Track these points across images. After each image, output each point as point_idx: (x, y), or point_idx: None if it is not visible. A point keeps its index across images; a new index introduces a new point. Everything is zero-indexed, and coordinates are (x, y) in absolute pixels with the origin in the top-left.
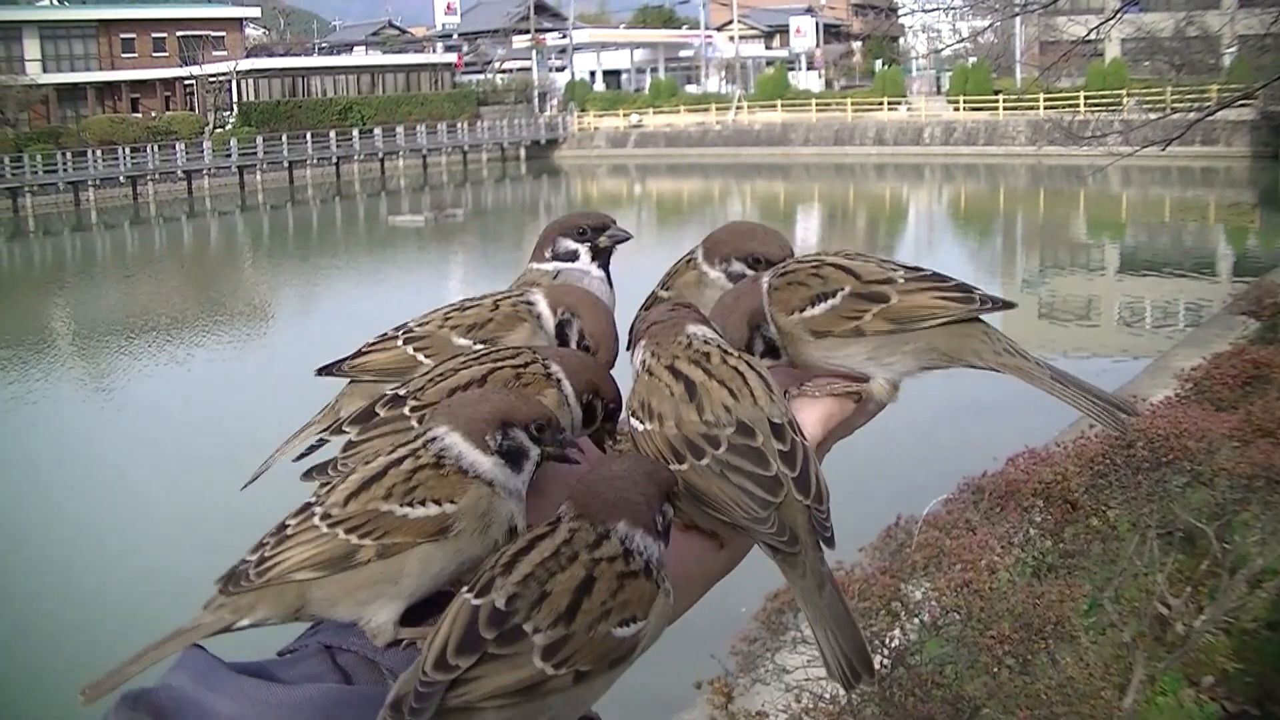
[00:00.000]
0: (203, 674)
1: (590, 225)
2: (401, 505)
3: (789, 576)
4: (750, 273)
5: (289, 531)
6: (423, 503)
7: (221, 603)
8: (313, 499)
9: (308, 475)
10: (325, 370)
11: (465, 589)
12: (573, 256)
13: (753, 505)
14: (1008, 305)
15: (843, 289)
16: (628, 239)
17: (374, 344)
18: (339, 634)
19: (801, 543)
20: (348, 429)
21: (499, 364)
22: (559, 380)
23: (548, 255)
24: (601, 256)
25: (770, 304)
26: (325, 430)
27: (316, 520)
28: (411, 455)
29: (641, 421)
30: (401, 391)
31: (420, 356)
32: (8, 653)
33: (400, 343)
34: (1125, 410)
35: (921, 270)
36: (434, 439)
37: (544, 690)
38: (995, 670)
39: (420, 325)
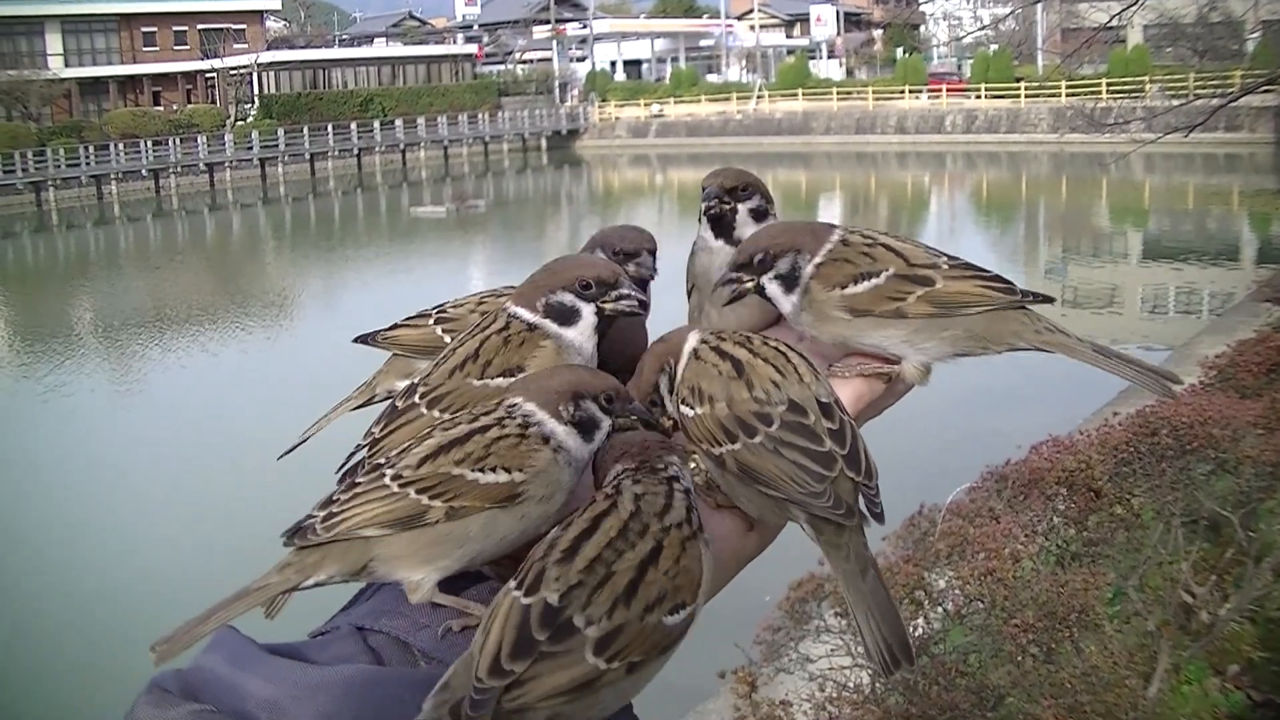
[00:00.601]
0: (236, 655)
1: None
2: (473, 470)
3: (832, 559)
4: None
5: (359, 489)
6: (494, 469)
7: (288, 561)
8: (383, 460)
9: (340, 479)
10: (361, 339)
11: (513, 582)
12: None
13: (808, 479)
14: (1047, 299)
15: (888, 269)
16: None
17: (409, 320)
18: (370, 616)
19: (852, 519)
20: (374, 429)
21: (487, 332)
22: (550, 335)
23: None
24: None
25: (815, 279)
26: (360, 406)
27: (388, 480)
28: (497, 424)
29: (692, 407)
30: (415, 380)
31: (447, 338)
32: (12, 652)
33: (431, 322)
34: (1171, 379)
35: (959, 259)
36: (515, 406)
37: (598, 685)
38: (1019, 659)
39: (455, 307)
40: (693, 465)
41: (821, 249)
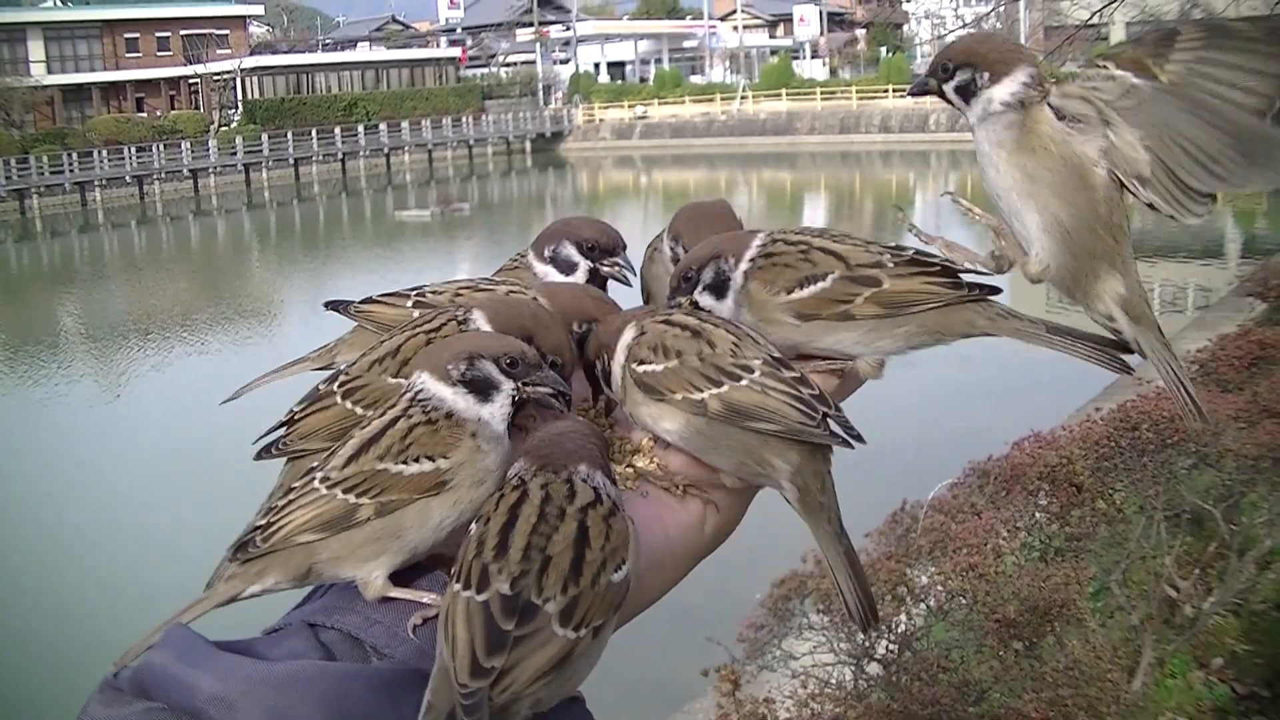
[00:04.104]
0: (186, 651)
1: (600, 243)
2: (396, 463)
3: (812, 521)
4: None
5: (292, 497)
6: (417, 459)
7: (234, 572)
8: (314, 464)
9: (258, 458)
10: (332, 305)
11: (458, 585)
12: (570, 269)
13: (804, 410)
14: (994, 290)
15: (832, 272)
16: (626, 279)
17: (386, 296)
18: (323, 612)
19: (852, 444)
20: (295, 408)
21: (415, 331)
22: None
23: (546, 255)
24: (596, 280)
25: (751, 282)
26: (319, 368)
27: (317, 483)
28: (403, 415)
29: (656, 363)
30: (344, 365)
31: None
32: (8, 653)
33: (409, 304)
34: (1126, 349)
35: (904, 251)
36: (410, 391)
37: (573, 656)
38: (1002, 654)
39: (434, 293)
40: (643, 454)
41: (746, 252)
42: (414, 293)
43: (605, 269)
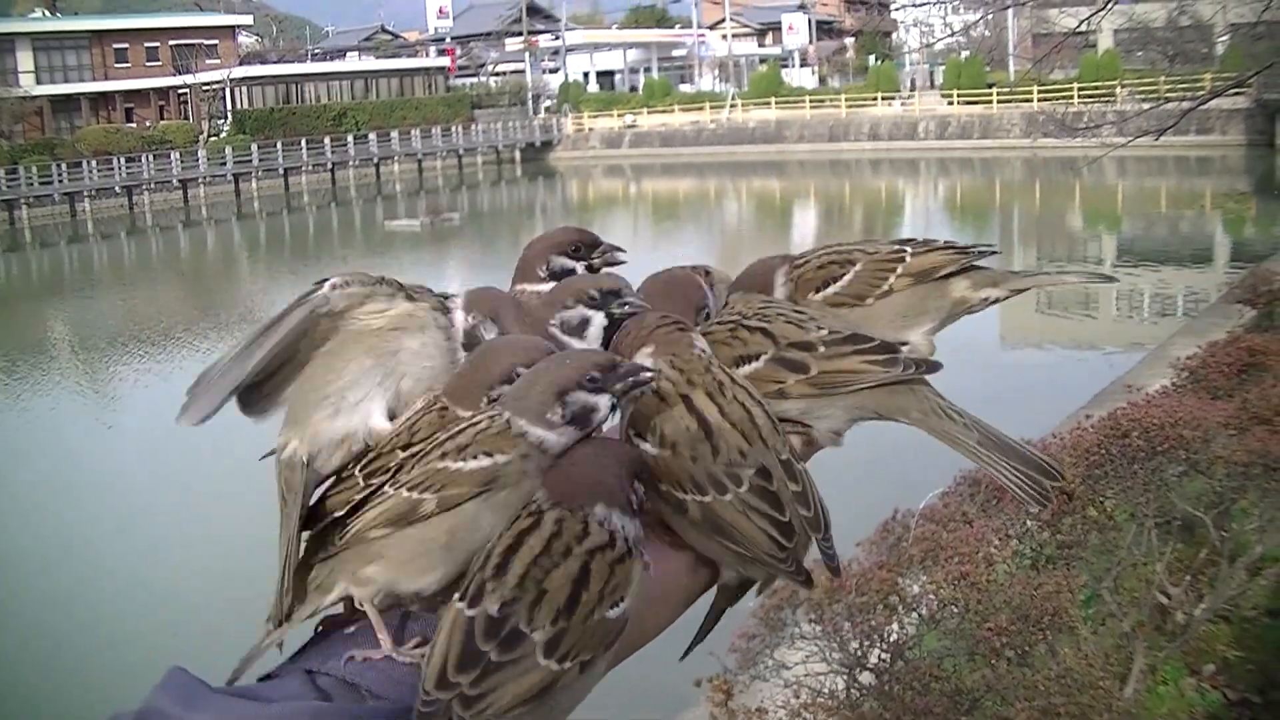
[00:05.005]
0: (184, 695)
1: (584, 242)
2: (456, 461)
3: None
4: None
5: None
6: (475, 456)
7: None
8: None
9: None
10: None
11: (456, 595)
12: (569, 275)
13: (773, 547)
14: (932, 368)
15: (764, 353)
16: (622, 261)
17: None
18: (318, 659)
19: (811, 586)
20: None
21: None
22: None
23: (542, 274)
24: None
25: None
26: None
27: (387, 487)
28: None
29: (650, 445)
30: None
31: None
32: (7, 664)
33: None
34: (1050, 474)
35: (840, 329)
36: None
37: (555, 689)
38: (994, 662)
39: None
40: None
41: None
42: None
43: (598, 261)
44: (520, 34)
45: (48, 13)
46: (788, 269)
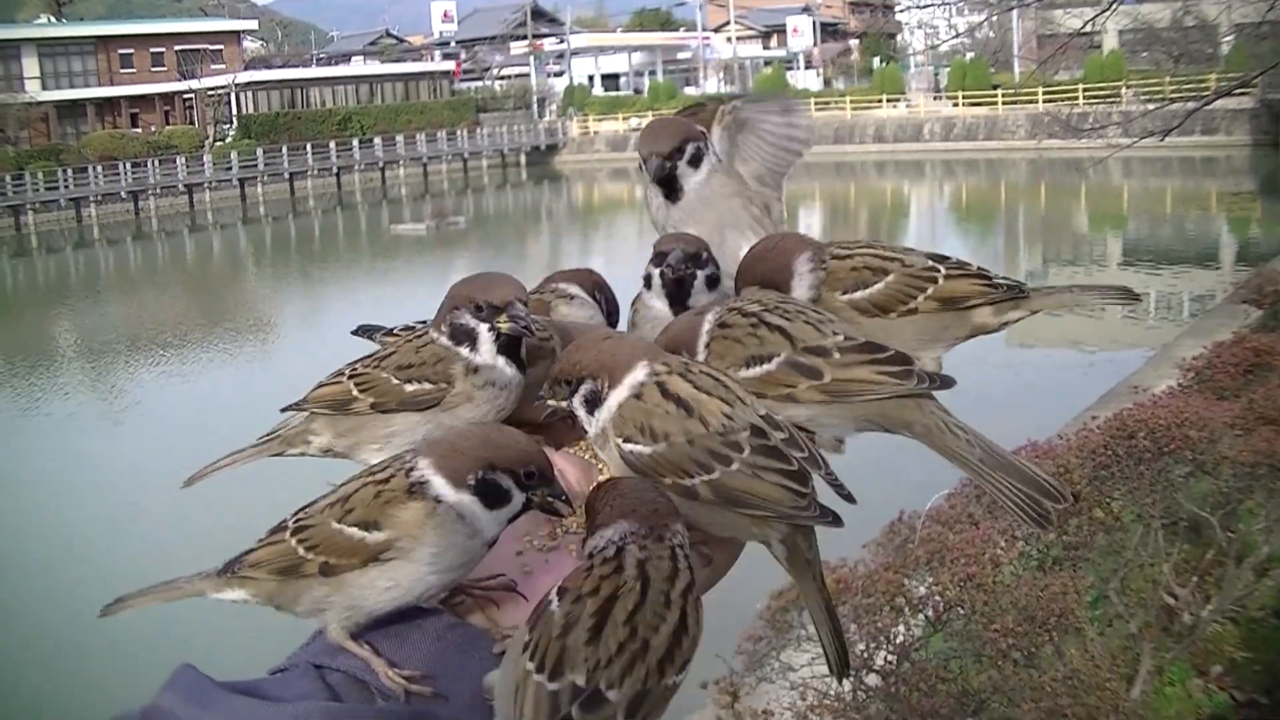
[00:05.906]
0: (193, 693)
1: (489, 300)
2: (350, 526)
3: (800, 579)
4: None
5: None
6: (367, 527)
7: (218, 582)
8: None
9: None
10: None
11: (529, 662)
12: (469, 338)
13: (793, 497)
14: (946, 384)
15: (778, 354)
16: (527, 334)
17: (330, 378)
18: (328, 653)
19: (840, 523)
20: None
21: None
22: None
23: (443, 330)
24: (505, 346)
25: (708, 355)
26: (274, 454)
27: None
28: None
29: (644, 444)
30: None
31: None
32: (9, 667)
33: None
34: (1053, 496)
35: (855, 338)
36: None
37: None
38: (1000, 664)
39: (366, 368)
40: None
41: (697, 341)
42: (355, 365)
43: (502, 327)
44: (525, 37)
45: (53, 19)
46: (814, 258)
